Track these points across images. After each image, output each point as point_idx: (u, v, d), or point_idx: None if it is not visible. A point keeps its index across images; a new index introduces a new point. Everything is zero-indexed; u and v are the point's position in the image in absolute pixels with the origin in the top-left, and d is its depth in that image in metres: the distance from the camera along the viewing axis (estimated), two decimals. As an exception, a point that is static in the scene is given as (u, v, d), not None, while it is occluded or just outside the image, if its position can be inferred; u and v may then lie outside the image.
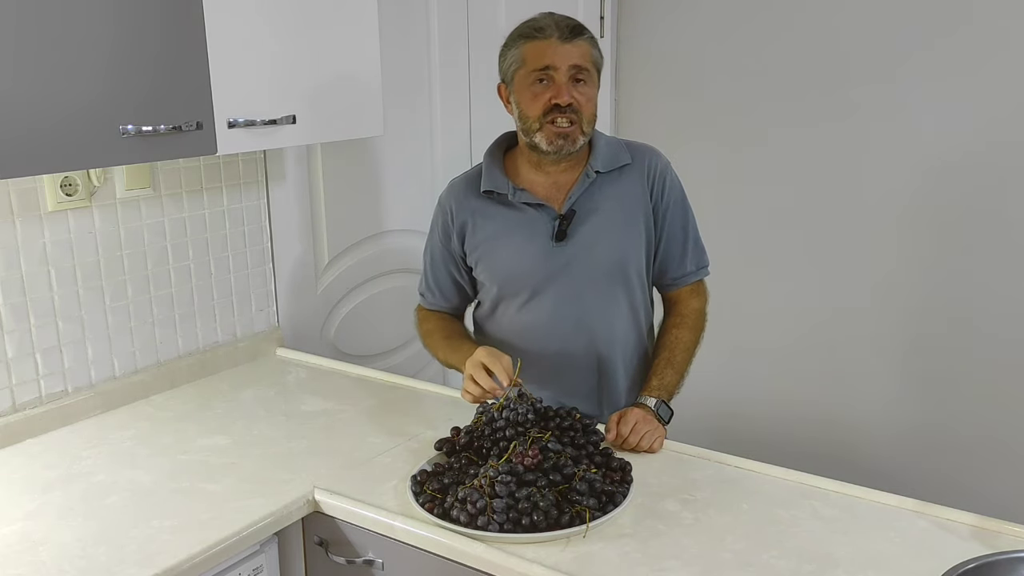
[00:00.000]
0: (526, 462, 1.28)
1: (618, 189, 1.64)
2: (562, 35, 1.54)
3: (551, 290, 1.64)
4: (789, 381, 2.80)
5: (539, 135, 1.57)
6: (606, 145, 1.66)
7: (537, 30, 1.56)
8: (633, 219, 1.64)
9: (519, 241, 1.64)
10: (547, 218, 1.63)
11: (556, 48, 1.53)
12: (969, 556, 1.15)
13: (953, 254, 2.48)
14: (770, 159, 2.71)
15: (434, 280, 1.76)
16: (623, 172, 1.65)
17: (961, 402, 2.54)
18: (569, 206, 1.62)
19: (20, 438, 1.59)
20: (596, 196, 1.63)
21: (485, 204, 1.66)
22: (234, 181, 1.96)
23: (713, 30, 2.73)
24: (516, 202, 1.64)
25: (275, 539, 1.37)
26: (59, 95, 1.26)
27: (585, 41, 1.56)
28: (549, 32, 1.54)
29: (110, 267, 1.73)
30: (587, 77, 1.56)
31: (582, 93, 1.55)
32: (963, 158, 2.42)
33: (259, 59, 1.57)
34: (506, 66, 1.61)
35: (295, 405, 1.77)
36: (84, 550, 1.22)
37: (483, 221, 1.66)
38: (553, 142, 1.56)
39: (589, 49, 1.56)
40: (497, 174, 1.65)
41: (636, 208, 1.65)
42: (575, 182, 1.63)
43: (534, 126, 1.56)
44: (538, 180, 1.65)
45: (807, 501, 1.34)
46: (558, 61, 1.53)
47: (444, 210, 1.71)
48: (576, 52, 1.54)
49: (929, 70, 2.41)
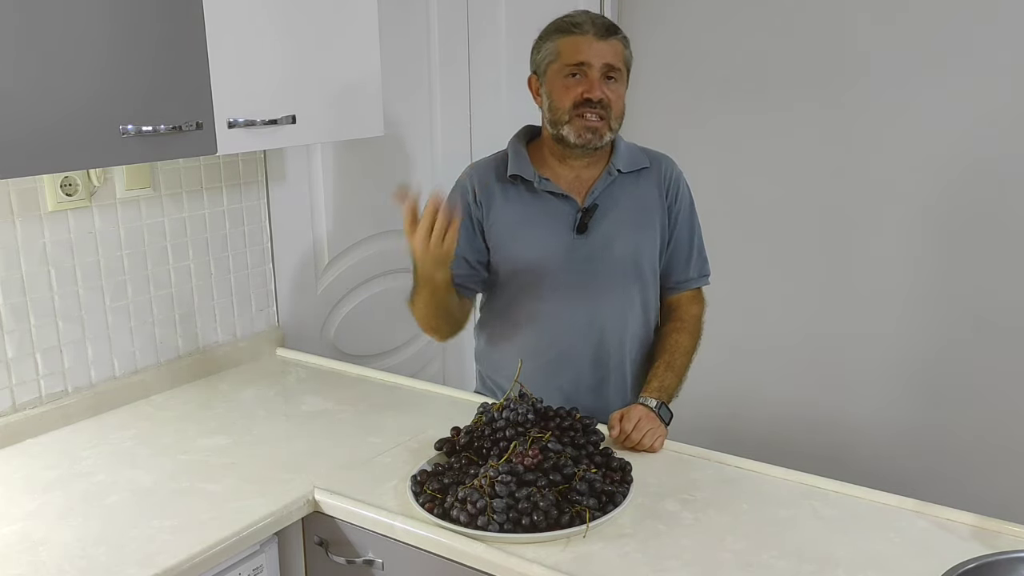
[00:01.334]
0: (526, 462, 1.28)
1: (637, 190, 1.68)
2: (598, 32, 1.58)
3: (568, 281, 1.66)
4: (789, 381, 2.80)
5: (568, 127, 1.59)
6: (627, 148, 1.70)
7: (574, 25, 1.59)
8: (650, 220, 1.68)
9: (541, 229, 1.66)
10: (570, 210, 1.65)
11: (592, 44, 1.57)
12: (969, 556, 1.15)
13: (953, 254, 2.48)
14: (770, 159, 2.71)
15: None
16: (641, 175, 1.69)
17: (961, 402, 2.54)
18: (592, 200, 1.65)
19: (20, 438, 1.59)
20: (616, 194, 1.66)
21: (508, 189, 1.68)
22: (234, 181, 1.96)
23: (713, 30, 2.73)
24: (540, 190, 1.66)
25: (275, 539, 1.37)
26: (59, 95, 1.26)
27: (619, 40, 1.60)
28: (586, 28, 1.58)
29: (110, 267, 1.73)
30: (618, 76, 1.60)
31: (612, 91, 1.59)
32: (967, 159, 2.42)
33: (259, 59, 1.57)
34: (540, 58, 1.63)
35: (295, 405, 1.77)
36: (84, 550, 1.22)
37: (505, 204, 1.68)
38: (582, 135, 1.59)
39: (622, 49, 1.61)
40: (524, 160, 1.67)
41: (653, 210, 1.68)
42: (598, 177, 1.66)
43: (564, 118, 1.59)
44: (561, 172, 1.68)
45: (807, 501, 1.34)
46: (593, 58, 1.56)
47: (465, 188, 1.70)
48: (610, 50, 1.58)
49: (933, 68, 2.41)
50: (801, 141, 2.64)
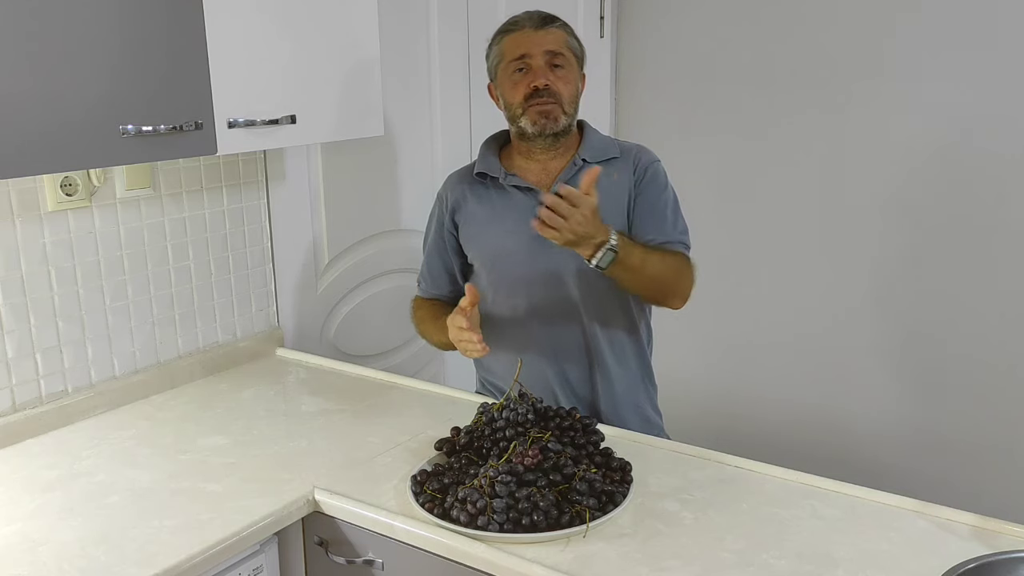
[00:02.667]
0: (526, 462, 1.28)
1: (605, 180, 1.62)
2: (534, 24, 1.64)
3: (538, 273, 1.67)
4: (789, 381, 2.80)
5: (524, 119, 1.64)
6: (597, 139, 1.73)
7: (513, 24, 1.67)
8: (617, 208, 1.66)
9: (508, 223, 1.68)
10: (535, 201, 1.64)
11: (530, 36, 1.63)
12: (969, 556, 1.15)
13: (954, 254, 2.48)
14: (770, 159, 2.71)
15: (428, 268, 1.83)
16: (610, 164, 1.68)
17: (961, 402, 2.54)
18: (555, 190, 1.62)
19: (20, 438, 1.59)
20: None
21: (477, 188, 1.73)
22: (234, 181, 1.96)
23: (713, 30, 2.73)
24: (506, 185, 1.69)
25: (275, 539, 1.37)
26: (59, 95, 1.26)
27: (558, 28, 1.65)
28: (522, 23, 1.65)
29: (110, 267, 1.73)
30: (564, 62, 1.64)
31: (559, 76, 1.63)
32: (965, 156, 2.42)
33: (259, 59, 1.57)
34: (491, 64, 1.70)
35: (295, 405, 1.77)
36: (84, 550, 1.22)
37: (475, 204, 1.73)
38: (536, 122, 1.62)
39: (563, 36, 1.65)
40: (491, 159, 1.73)
41: (620, 198, 1.67)
42: (563, 168, 1.68)
43: (518, 111, 1.64)
44: (529, 167, 1.71)
45: (807, 501, 1.34)
46: (533, 48, 1.62)
47: (440, 199, 1.79)
48: (549, 38, 1.63)
49: (930, 66, 2.41)
50: (802, 141, 2.64)
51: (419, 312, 1.83)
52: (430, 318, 1.77)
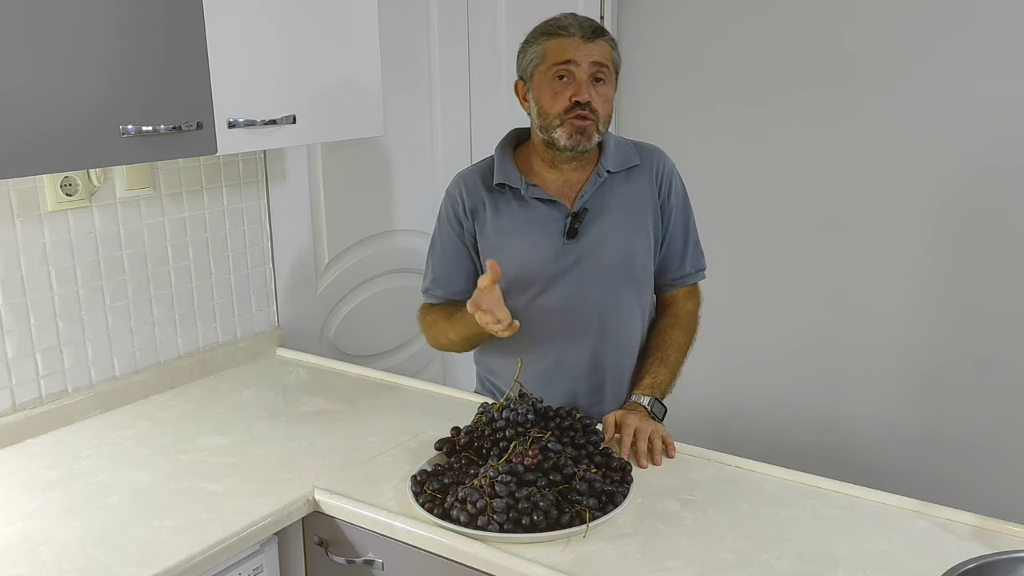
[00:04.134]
0: (526, 462, 1.28)
1: (628, 189, 1.66)
2: (584, 34, 1.55)
3: (560, 287, 1.64)
4: (789, 381, 2.80)
5: (559, 131, 1.56)
6: (616, 146, 1.67)
7: (560, 28, 1.57)
8: (642, 219, 1.66)
9: (531, 237, 1.64)
10: (559, 215, 1.63)
11: (578, 45, 1.55)
12: (969, 556, 1.15)
13: (954, 255, 2.48)
14: (771, 159, 2.71)
15: (442, 270, 1.72)
16: (632, 172, 1.67)
17: (961, 402, 2.54)
18: (581, 204, 1.63)
19: (20, 438, 1.59)
20: (606, 195, 1.64)
21: (495, 197, 1.66)
22: (234, 181, 1.96)
23: (713, 30, 2.73)
24: (528, 197, 1.64)
25: (275, 539, 1.37)
26: (59, 95, 1.26)
27: (606, 42, 1.58)
28: (572, 30, 1.56)
29: (110, 267, 1.73)
30: (606, 77, 1.58)
31: (600, 94, 1.57)
32: (967, 159, 2.41)
33: (259, 59, 1.57)
34: (526, 62, 1.61)
35: (295, 405, 1.77)
36: (84, 550, 1.22)
37: (494, 214, 1.66)
38: (572, 136, 1.56)
39: (609, 50, 1.58)
40: (510, 168, 1.66)
41: (645, 208, 1.66)
42: (587, 180, 1.64)
43: (554, 122, 1.57)
44: (550, 177, 1.65)
45: (807, 501, 1.34)
46: (580, 57, 1.54)
47: (454, 200, 1.70)
48: (597, 51, 1.56)
49: (935, 69, 2.40)
50: (803, 141, 2.64)
51: (429, 316, 1.74)
52: (444, 316, 1.69)
